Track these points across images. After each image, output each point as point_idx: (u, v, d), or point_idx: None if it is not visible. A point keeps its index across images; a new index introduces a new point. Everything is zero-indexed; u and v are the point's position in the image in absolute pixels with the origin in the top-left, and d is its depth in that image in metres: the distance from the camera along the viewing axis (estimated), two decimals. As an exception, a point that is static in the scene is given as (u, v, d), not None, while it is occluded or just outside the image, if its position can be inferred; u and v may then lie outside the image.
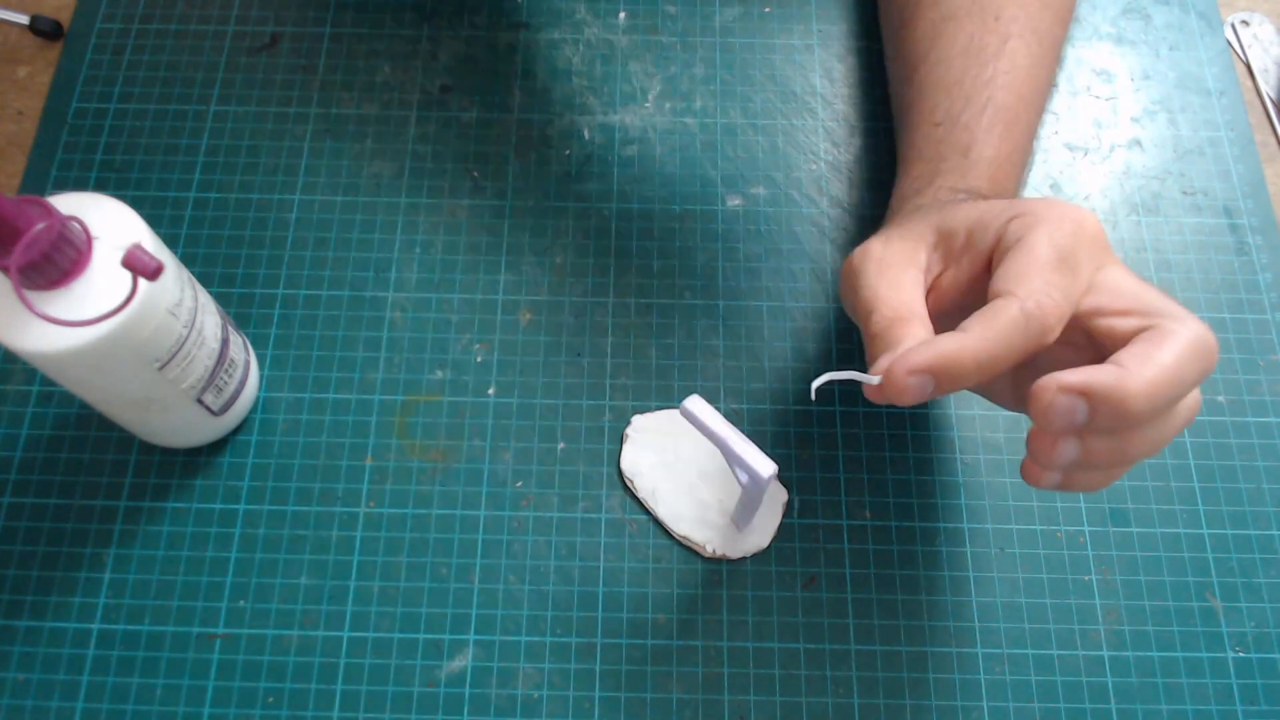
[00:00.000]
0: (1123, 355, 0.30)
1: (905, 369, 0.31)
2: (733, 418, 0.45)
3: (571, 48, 0.54)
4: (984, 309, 0.32)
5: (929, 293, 0.36)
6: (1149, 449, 0.31)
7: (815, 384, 0.33)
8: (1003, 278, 0.32)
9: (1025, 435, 0.32)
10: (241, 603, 0.42)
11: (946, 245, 0.36)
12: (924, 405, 0.46)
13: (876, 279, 0.35)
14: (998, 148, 0.41)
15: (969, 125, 0.42)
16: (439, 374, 0.46)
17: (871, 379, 0.32)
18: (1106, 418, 0.29)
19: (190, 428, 0.42)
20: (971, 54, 0.43)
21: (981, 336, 0.31)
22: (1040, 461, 0.31)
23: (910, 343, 0.32)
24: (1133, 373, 0.29)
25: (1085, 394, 0.29)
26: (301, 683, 0.41)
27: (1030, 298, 0.31)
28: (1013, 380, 0.36)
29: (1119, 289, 0.32)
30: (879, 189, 0.50)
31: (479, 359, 0.47)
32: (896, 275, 0.35)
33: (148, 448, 0.45)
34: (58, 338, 0.34)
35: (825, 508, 0.44)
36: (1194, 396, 0.32)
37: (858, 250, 0.37)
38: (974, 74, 0.43)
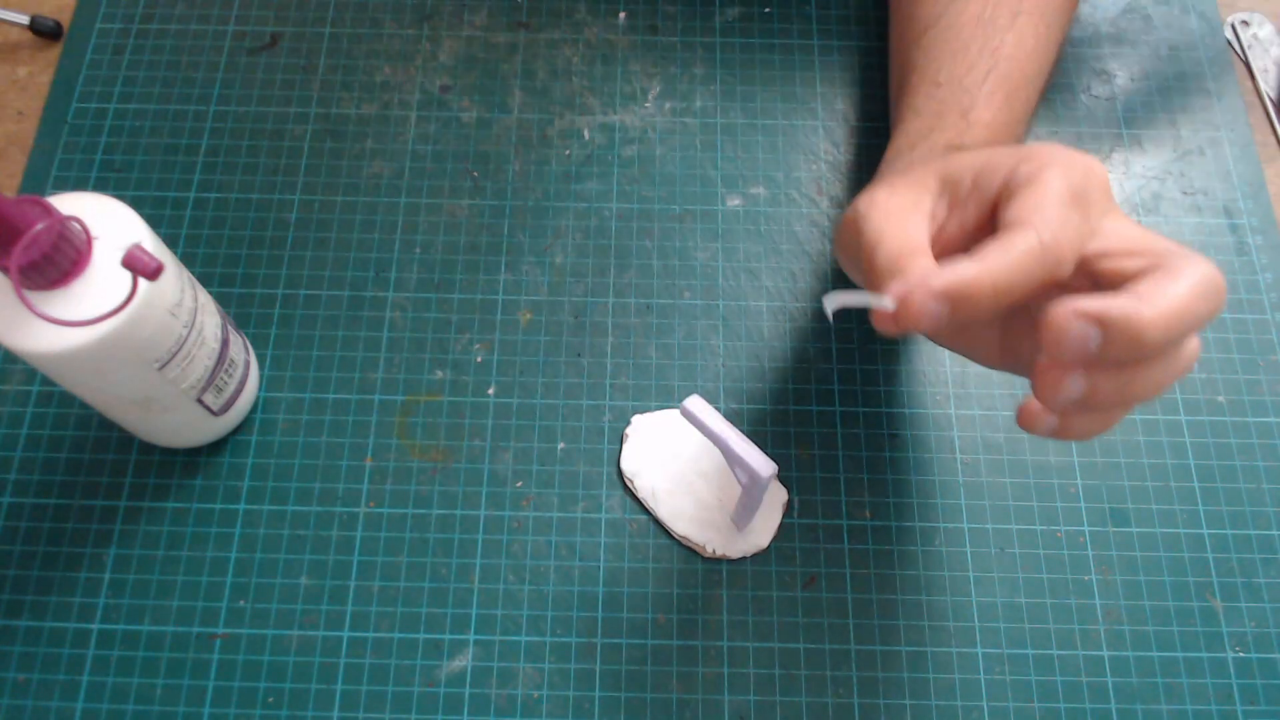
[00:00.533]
0: (1137, 287, 0.30)
1: (925, 294, 0.30)
2: (733, 418, 0.45)
3: (571, 48, 0.54)
4: (999, 237, 0.31)
5: (933, 242, 0.35)
6: (1151, 389, 0.30)
7: (830, 305, 0.32)
8: (1017, 210, 0.32)
9: (1018, 422, 0.32)
10: (241, 603, 0.42)
11: (952, 191, 0.35)
12: (923, 405, 0.46)
13: (882, 222, 0.35)
14: (996, 114, 0.41)
15: (970, 88, 0.42)
16: (439, 374, 0.46)
17: (886, 303, 0.31)
18: (1120, 346, 0.28)
19: (190, 428, 0.42)
20: (983, 23, 0.44)
21: (1001, 262, 0.30)
22: (1046, 396, 0.30)
23: (919, 272, 0.32)
24: (1148, 302, 0.29)
25: (1100, 321, 0.28)
26: (301, 683, 0.41)
27: (1046, 228, 0.31)
28: (1002, 330, 0.36)
29: (1125, 233, 0.32)
30: (879, 189, 0.50)
31: (479, 359, 0.47)
32: (902, 219, 0.35)
33: (148, 448, 0.45)
34: (58, 338, 0.34)
35: (825, 508, 0.44)
36: (1194, 343, 0.31)
37: (862, 198, 0.37)
38: (982, 42, 0.43)
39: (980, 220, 0.34)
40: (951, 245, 0.35)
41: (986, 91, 0.42)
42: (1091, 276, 0.32)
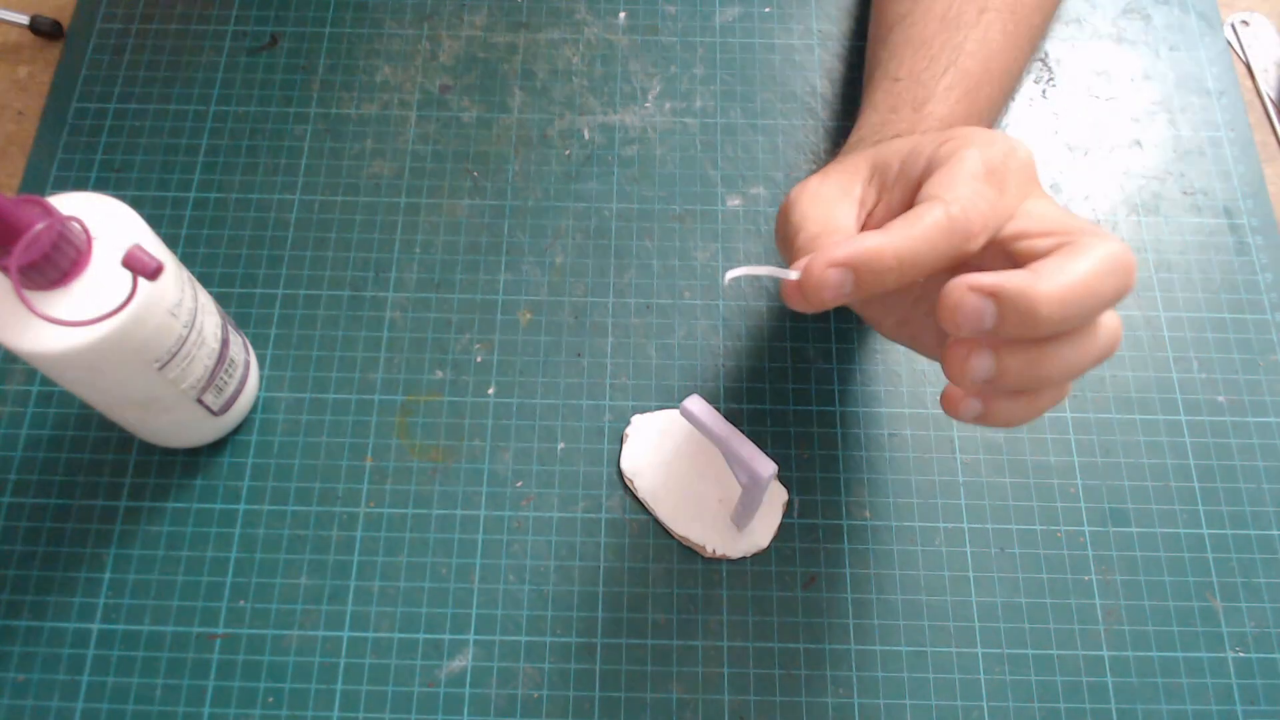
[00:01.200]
0: (1036, 264, 0.30)
1: (824, 262, 0.30)
2: (733, 418, 0.45)
3: (571, 48, 0.54)
4: (909, 211, 0.32)
5: (863, 227, 0.36)
6: (1064, 370, 0.30)
7: (728, 276, 0.33)
8: (930, 187, 0.32)
9: (942, 407, 0.32)
10: (241, 603, 0.42)
11: (881, 177, 0.36)
12: (923, 405, 0.46)
13: (809, 207, 0.35)
14: (952, 109, 0.41)
15: (927, 83, 0.42)
16: (439, 374, 0.46)
17: (790, 274, 0.32)
18: (1014, 322, 0.29)
19: (190, 428, 0.42)
20: (948, 20, 0.44)
21: (904, 234, 0.30)
22: (954, 374, 0.30)
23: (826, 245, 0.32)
24: (1044, 278, 0.28)
25: (994, 295, 0.28)
26: (301, 683, 0.41)
27: (956, 203, 0.31)
28: (937, 322, 0.36)
29: (1043, 215, 0.32)
30: (879, 189, 0.50)
31: (479, 359, 0.47)
32: (829, 204, 0.35)
33: (148, 448, 0.45)
34: (58, 338, 0.34)
35: (825, 508, 0.44)
36: (1112, 322, 0.31)
37: (795, 186, 0.37)
38: (944, 38, 0.43)
39: (906, 204, 0.35)
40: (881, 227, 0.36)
41: (944, 87, 0.42)
42: (1009, 257, 0.32)
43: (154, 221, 0.49)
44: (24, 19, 0.54)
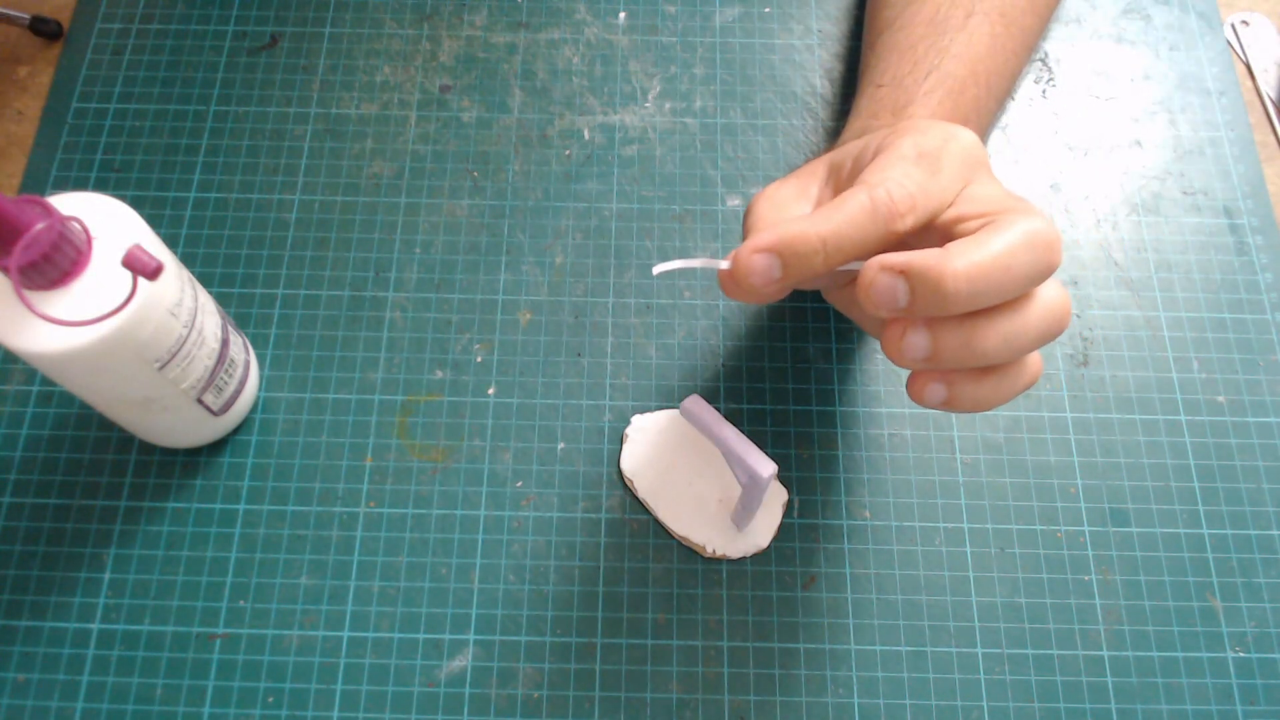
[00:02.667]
0: (953, 242, 0.30)
1: (750, 248, 0.31)
2: (733, 418, 0.45)
3: (571, 48, 0.54)
4: (837, 196, 0.32)
5: None
6: (1002, 344, 0.30)
7: (657, 269, 0.34)
8: (863, 173, 0.33)
9: (909, 393, 0.32)
10: (241, 603, 0.42)
11: (836, 176, 0.37)
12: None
13: (764, 209, 0.37)
14: (934, 111, 0.41)
15: (909, 87, 0.42)
16: (439, 374, 0.46)
17: (721, 263, 0.32)
18: (925, 299, 0.29)
19: (190, 428, 0.42)
20: (934, 25, 0.44)
21: (827, 217, 0.31)
22: (891, 353, 0.31)
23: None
24: (954, 255, 0.29)
25: (904, 273, 0.29)
26: (301, 683, 0.41)
27: (880, 185, 0.31)
28: None
29: (983, 197, 0.33)
30: (879, 189, 0.50)
31: (479, 359, 0.47)
32: (783, 206, 0.36)
33: (148, 448, 0.45)
34: (58, 338, 0.34)
35: (825, 508, 0.44)
36: (1054, 298, 0.31)
37: (758, 192, 0.38)
38: (929, 43, 0.44)
39: None
40: None
41: (925, 90, 0.42)
42: (950, 240, 0.33)
43: (154, 221, 0.49)
44: (24, 19, 0.54)
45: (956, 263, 0.29)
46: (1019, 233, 0.30)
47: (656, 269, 0.34)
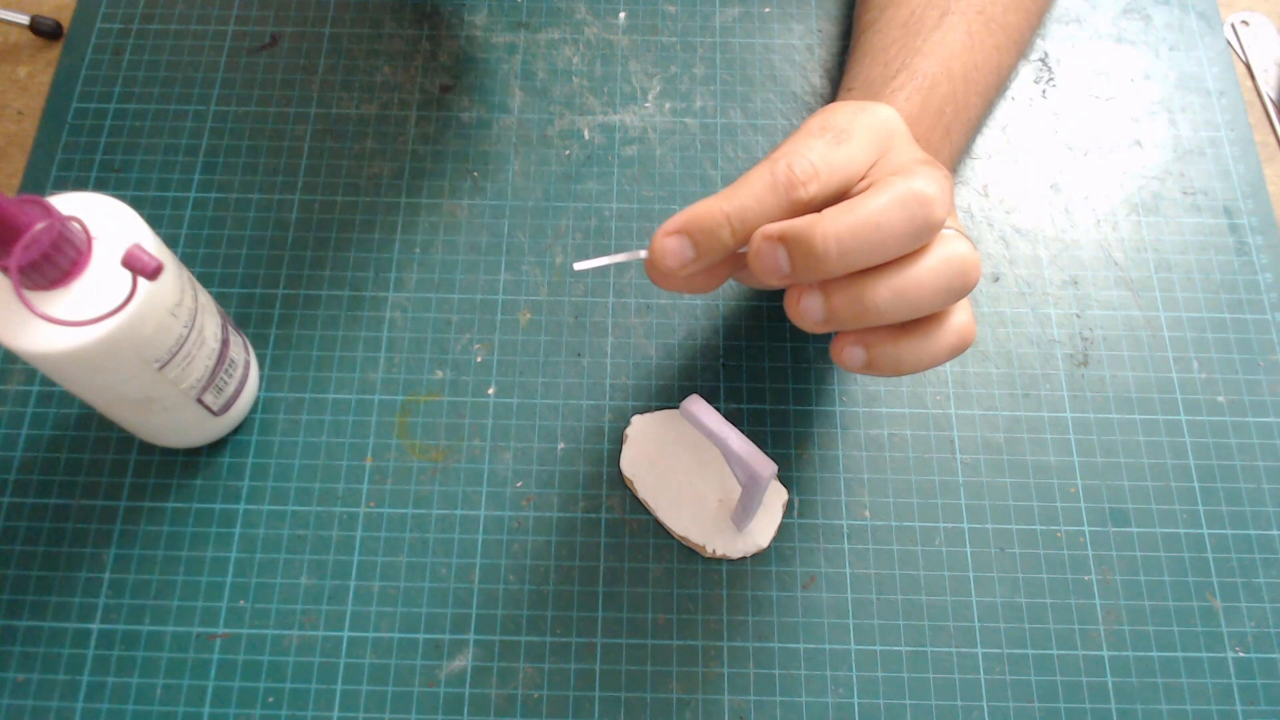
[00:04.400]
0: (830, 207, 0.31)
1: (661, 232, 0.33)
2: (733, 418, 0.45)
3: (571, 48, 0.54)
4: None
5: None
6: (896, 300, 0.31)
7: (577, 266, 0.35)
8: (771, 151, 0.34)
9: (833, 358, 0.33)
10: (241, 603, 0.42)
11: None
12: (923, 405, 0.46)
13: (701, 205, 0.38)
14: (900, 107, 0.42)
15: (876, 87, 0.43)
16: (439, 374, 0.46)
17: (640, 253, 0.34)
18: (803, 262, 0.30)
19: (190, 428, 0.42)
20: (909, 27, 0.45)
21: (731, 192, 0.33)
22: (793, 316, 0.32)
23: None
24: (826, 218, 0.30)
25: (782, 239, 0.31)
26: (301, 683, 0.41)
27: (782, 158, 0.33)
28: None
29: (892, 165, 0.34)
30: (879, 189, 0.50)
31: (479, 359, 0.47)
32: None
33: (148, 448, 0.45)
34: (58, 338, 0.34)
35: (825, 508, 0.44)
36: (954, 251, 0.32)
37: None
38: (902, 44, 0.44)
39: None
40: None
41: (892, 89, 0.42)
42: None
43: (154, 221, 0.49)
44: (24, 19, 0.54)
45: (826, 225, 0.30)
46: (892, 192, 0.31)
47: (578, 265, 0.35)
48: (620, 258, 0.35)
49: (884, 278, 0.31)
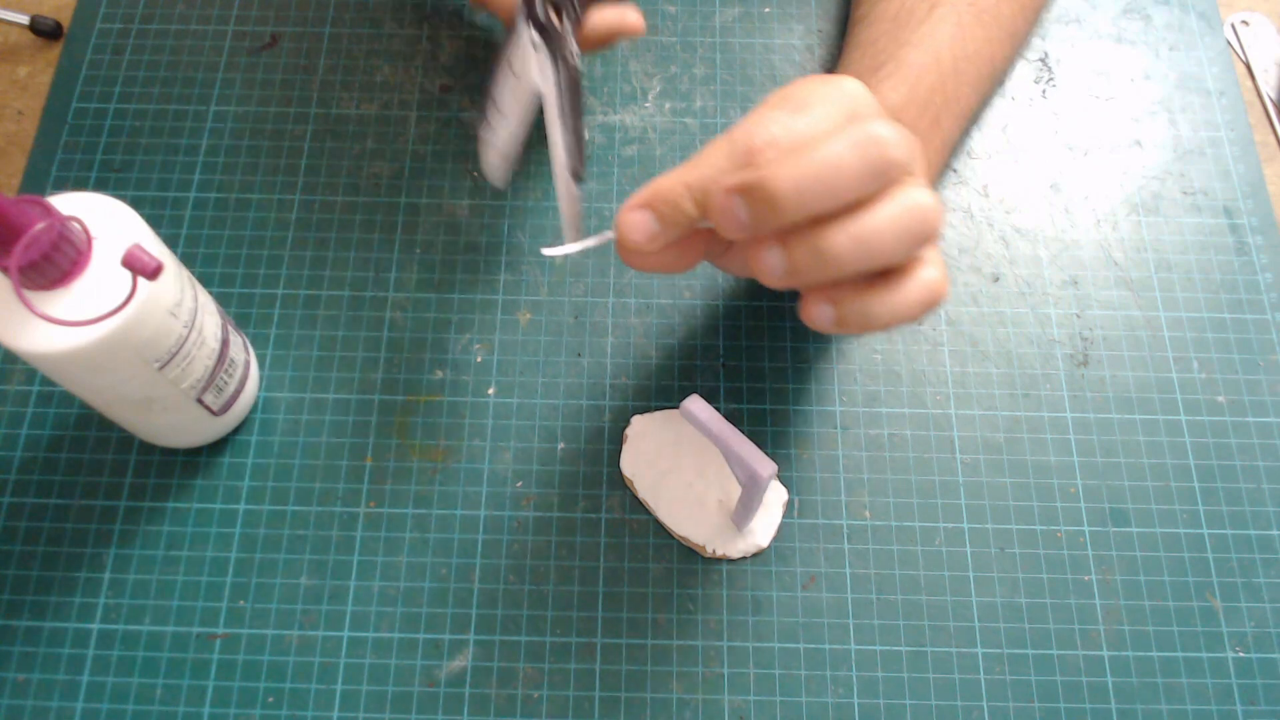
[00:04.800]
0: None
1: (625, 208, 0.34)
2: (733, 418, 0.45)
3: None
4: None
5: None
6: (851, 245, 0.31)
7: (548, 251, 0.36)
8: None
9: (802, 319, 0.34)
10: (241, 603, 0.42)
11: None
12: (923, 405, 0.46)
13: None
14: (885, 96, 0.42)
15: (863, 78, 0.43)
16: (439, 374, 0.46)
17: (609, 235, 0.34)
18: (760, 210, 0.31)
19: (190, 428, 0.42)
20: (899, 20, 0.45)
21: (691, 164, 0.33)
22: (757, 271, 0.32)
23: None
24: (779, 162, 0.31)
25: (740, 189, 0.31)
26: (301, 683, 0.41)
27: (739, 127, 0.33)
28: None
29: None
30: (879, 189, 0.50)
31: (479, 359, 0.47)
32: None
33: (148, 448, 0.45)
34: (58, 338, 0.34)
35: (825, 508, 0.44)
36: (914, 197, 0.32)
37: None
38: (891, 35, 0.45)
39: None
40: None
41: (878, 79, 0.43)
42: None
43: (154, 221, 0.49)
44: (24, 19, 0.54)
45: (780, 169, 0.30)
46: (846, 135, 0.31)
47: (546, 251, 0.35)
48: (591, 242, 0.35)
49: (842, 224, 0.31)
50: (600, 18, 0.42)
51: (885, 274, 0.33)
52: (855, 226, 0.31)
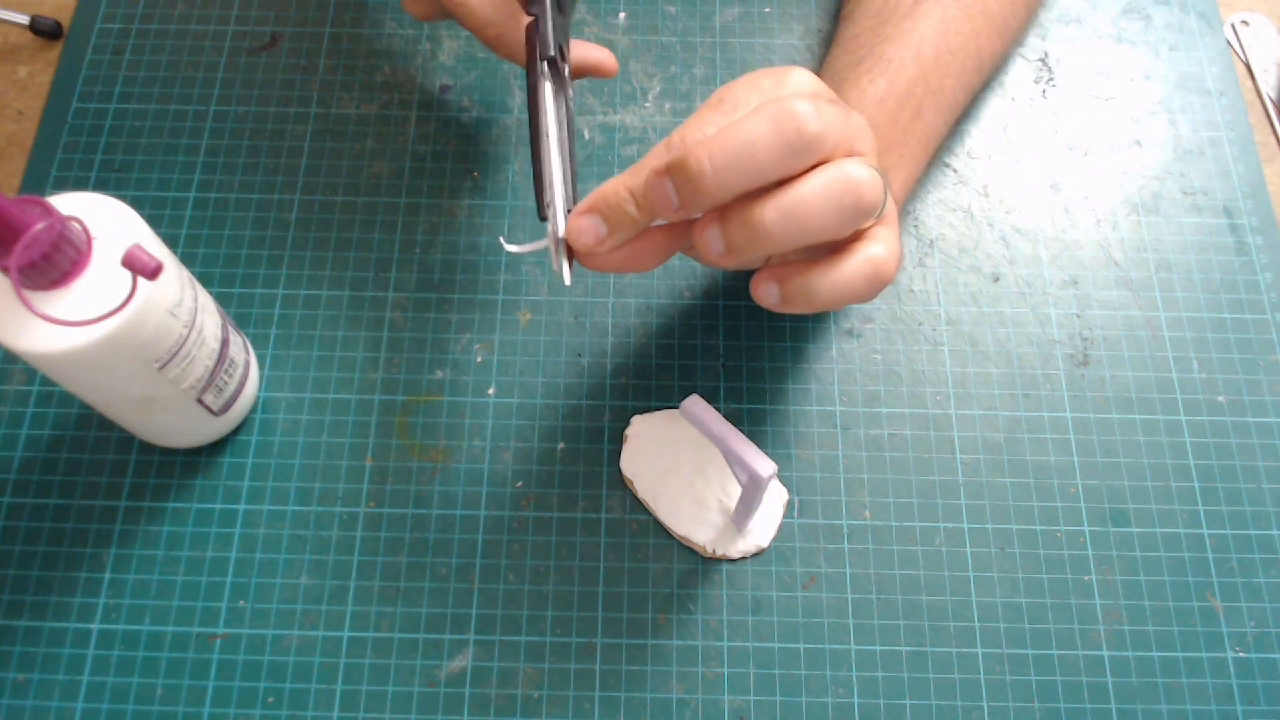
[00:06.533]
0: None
1: (574, 213, 0.35)
2: (733, 418, 0.45)
3: (571, 48, 0.54)
4: None
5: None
6: (779, 217, 0.32)
7: (510, 248, 0.37)
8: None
9: (754, 297, 0.34)
10: (241, 603, 0.42)
11: None
12: (923, 405, 0.46)
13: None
14: (865, 90, 0.42)
15: (843, 74, 0.44)
16: (439, 374, 0.46)
17: (559, 235, 0.36)
18: (686, 189, 0.32)
19: (190, 428, 0.42)
20: (882, 16, 0.46)
21: (631, 170, 0.34)
22: (699, 250, 0.33)
23: None
24: (701, 144, 0.31)
25: (666, 170, 0.32)
26: (301, 683, 0.41)
27: (677, 132, 0.34)
28: None
29: None
30: (879, 189, 0.50)
31: (479, 359, 0.47)
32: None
33: (148, 448, 0.45)
34: (58, 338, 0.34)
35: (825, 508, 0.44)
36: (846, 169, 0.32)
37: None
38: (873, 31, 0.45)
39: None
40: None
41: (856, 74, 0.43)
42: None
43: (154, 221, 0.49)
44: (24, 19, 0.54)
45: (699, 145, 0.31)
46: (763, 112, 0.32)
47: (509, 247, 0.36)
48: (544, 243, 0.36)
49: (770, 197, 0.32)
50: (580, 52, 0.44)
51: (831, 252, 0.34)
52: (783, 200, 0.32)
